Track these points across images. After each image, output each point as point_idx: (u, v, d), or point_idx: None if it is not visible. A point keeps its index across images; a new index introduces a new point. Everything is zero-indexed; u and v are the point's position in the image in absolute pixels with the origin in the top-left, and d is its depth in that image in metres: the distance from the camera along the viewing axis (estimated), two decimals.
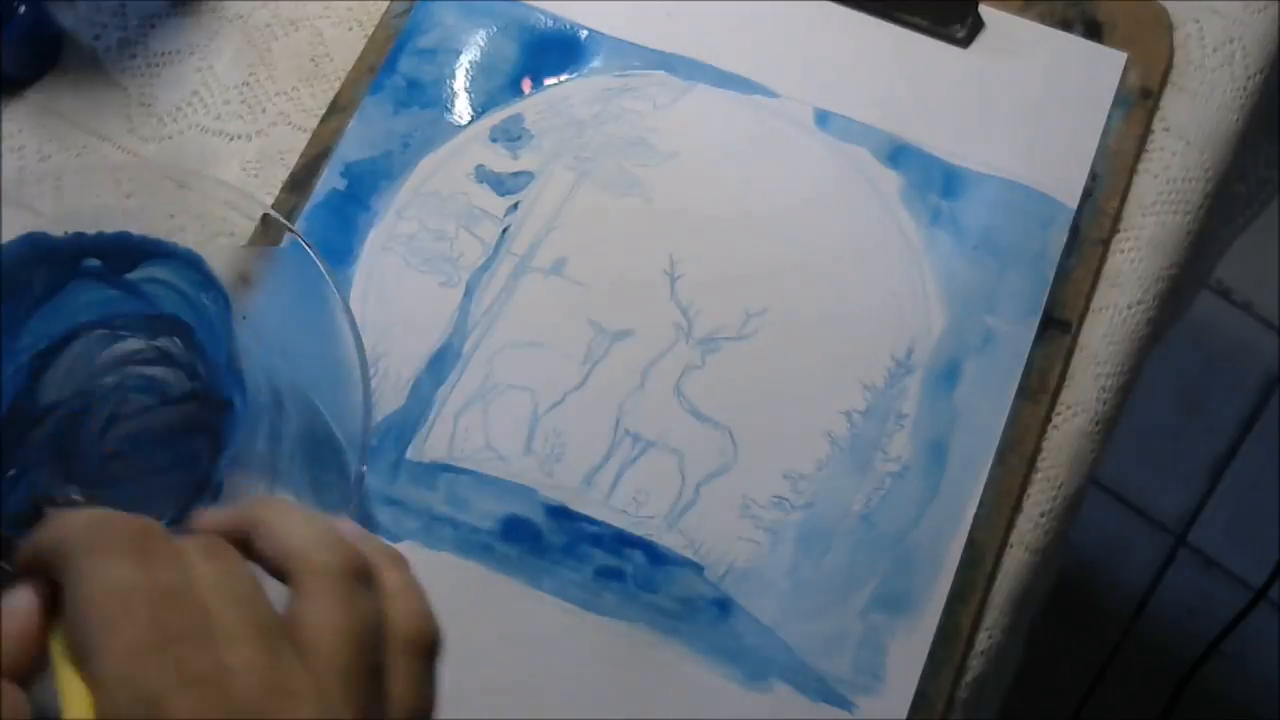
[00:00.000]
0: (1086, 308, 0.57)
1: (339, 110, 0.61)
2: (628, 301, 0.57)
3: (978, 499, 0.53)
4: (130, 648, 0.31)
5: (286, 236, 0.54)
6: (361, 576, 0.34)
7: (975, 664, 0.52)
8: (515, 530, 0.54)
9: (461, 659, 0.52)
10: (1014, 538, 0.54)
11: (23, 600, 0.34)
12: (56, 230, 0.53)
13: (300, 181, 0.59)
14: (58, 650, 0.34)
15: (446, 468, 0.55)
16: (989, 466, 0.54)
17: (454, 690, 0.52)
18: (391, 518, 0.54)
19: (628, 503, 0.54)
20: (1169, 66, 0.61)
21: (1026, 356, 0.56)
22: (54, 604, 0.34)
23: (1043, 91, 0.60)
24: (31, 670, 0.34)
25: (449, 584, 0.53)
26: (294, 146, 0.60)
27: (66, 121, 0.60)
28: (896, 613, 0.52)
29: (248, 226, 0.59)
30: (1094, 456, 0.56)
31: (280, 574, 0.35)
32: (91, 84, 0.61)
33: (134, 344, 0.55)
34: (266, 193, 0.59)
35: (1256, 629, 1.23)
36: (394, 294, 0.57)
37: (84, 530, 0.33)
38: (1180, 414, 1.35)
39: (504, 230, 0.58)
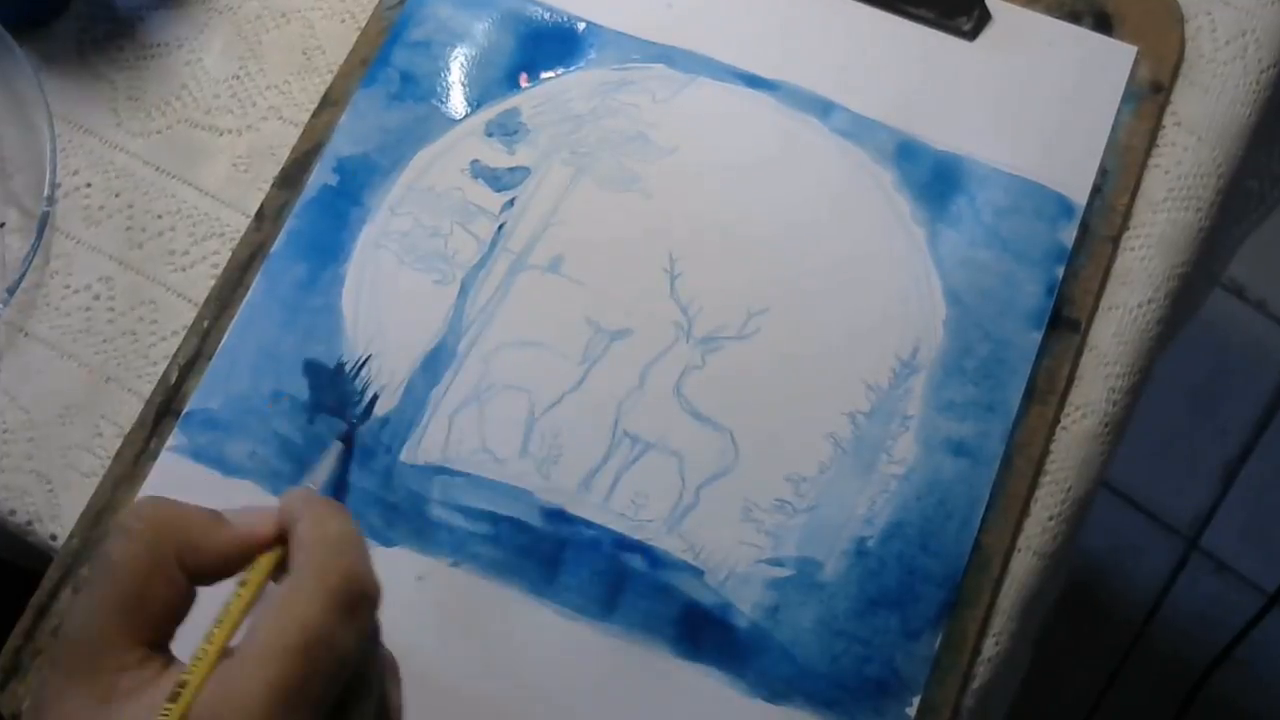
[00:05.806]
0: (1096, 306, 0.56)
1: (331, 104, 0.60)
2: (626, 300, 0.56)
3: (984, 502, 0.52)
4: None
5: None
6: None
7: (982, 671, 0.52)
8: (511, 534, 0.53)
9: (456, 666, 0.51)
10: (1022, 542, 0.53)
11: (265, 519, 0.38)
12: None
13: (291, 177, 0.59)
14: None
15: (441, 470, 0.54)
16: (996, 469, 0.53)
17: (448, 698, 0.51)
18: (385, 521, 0.53)
19: (626, 506, 0.53)
20: (1180, 60, 0.60)
21: (1034, 356, 0.55)
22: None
23: (1051, 85, 0.59)
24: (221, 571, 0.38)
25: (443, 589, 0.52)
26: (285, 141, 0.60)
27: (52, 115, 0.59)
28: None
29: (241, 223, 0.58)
30: (1103, 459, 0.55)
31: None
32: (78, 77, 0.60)
33: None
34: (257, 188, 0.59)
35: (1270, 635, 1.22)
36: (387, 292, 0.57)
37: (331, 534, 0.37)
38: (1192, 415, 1.34)
39: (500, 227, 0.58)
